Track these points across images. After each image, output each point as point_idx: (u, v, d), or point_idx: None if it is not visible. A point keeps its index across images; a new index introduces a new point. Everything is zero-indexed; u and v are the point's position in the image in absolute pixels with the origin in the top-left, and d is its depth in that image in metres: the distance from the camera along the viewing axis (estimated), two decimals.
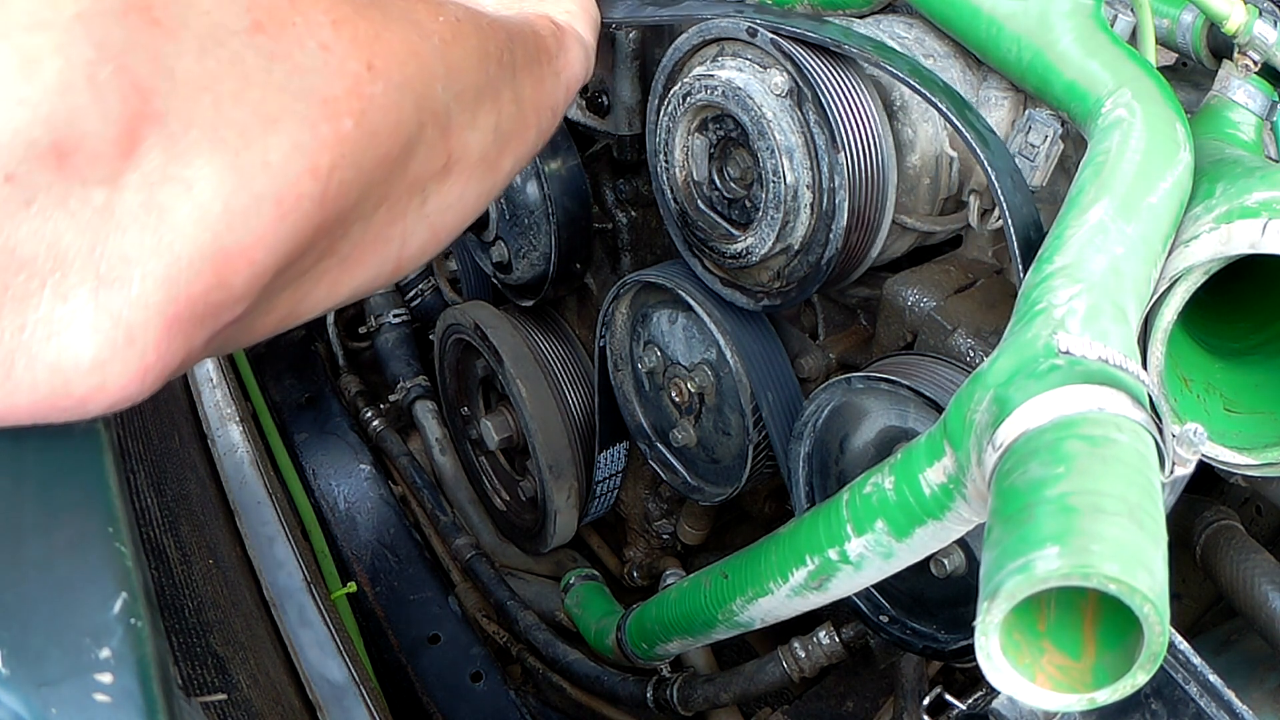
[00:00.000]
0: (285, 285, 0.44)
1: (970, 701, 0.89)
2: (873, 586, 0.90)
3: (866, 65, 0.74)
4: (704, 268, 0.95)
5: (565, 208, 1.15)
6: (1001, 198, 0.67)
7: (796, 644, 1.09)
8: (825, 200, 0.78)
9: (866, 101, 0.77)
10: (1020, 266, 0.66)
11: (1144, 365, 0.62)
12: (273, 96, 0.38)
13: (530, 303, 1.31)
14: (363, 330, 1.90)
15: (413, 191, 0.50)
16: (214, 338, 0.40)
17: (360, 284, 0.50)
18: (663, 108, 0.89)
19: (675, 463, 1.16)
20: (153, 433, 1.15)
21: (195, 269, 0.36)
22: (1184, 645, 0.65)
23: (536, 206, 1.18)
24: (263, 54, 0.38)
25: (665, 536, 1.43)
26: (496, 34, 0.60)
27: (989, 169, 0.68)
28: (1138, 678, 0.38)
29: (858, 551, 0.61)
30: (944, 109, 0.70)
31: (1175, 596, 1.01)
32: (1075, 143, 0.75)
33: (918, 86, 0.71)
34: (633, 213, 1.22)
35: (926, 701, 0.97)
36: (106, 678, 0.41)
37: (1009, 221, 0.67)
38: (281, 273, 0.41)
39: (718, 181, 0.88)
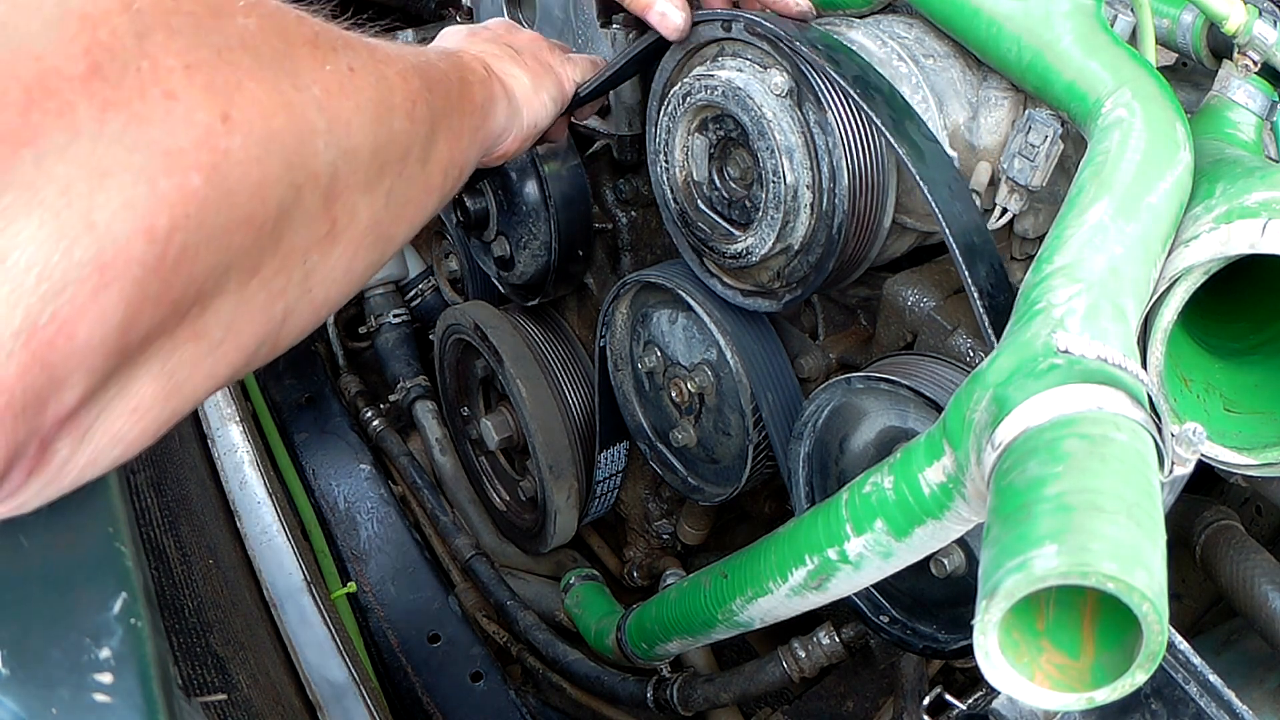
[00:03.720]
0: (141, 366, 0.39)
1: (970, 701, 0.89)
2: (873, 586, 0.90)
3: (813, 61, 0.74)
4: (704, 267, 0.95)
5: (563, 192, 1.15)
6: (936, 207, 0.68)
7: (796, 644, 1.09)
8: (825, 200, 0.78)
9: None
10: (965, 272, 0.66)
11: (1144, 365, 0.62)
12: (105, 149, 0.34)
13: (532, 302, 1.31)
14: (363, 330, 1.90)
15: (292, 264, 0.45)
16: (56, 437, 0.37)
17: (240, 366, 0.45)
18: (663, 108, 0.89)
19: (675, 463, 1.16)
20: None
21: (7, 351, 0.32)
22: (1184, 645, 0.65)
23: (536, 203, 1.18)
24: (96, 102, 0.34)
25: (665, 536, 1.43)
26: (407, 84, 0.54)
27: (920, 181, 0.68)
28: (1136, 677, 0.38)
29: (857, 551, 0.61)
30: (878, 120, 0.70)
31: (1175, 596, 1.01)
32: (1075, 143, 0.75)
33: (853, 94, 0.71)
34: (633, 213, 1.22)
35: (926, 701, 0.97)
36: (106, 678, 0.41)
37: (946, 230, 0.67)
38: (126, 353, 0.37)
39: (718, 181, 0.88)
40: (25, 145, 0.32)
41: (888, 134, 0.70)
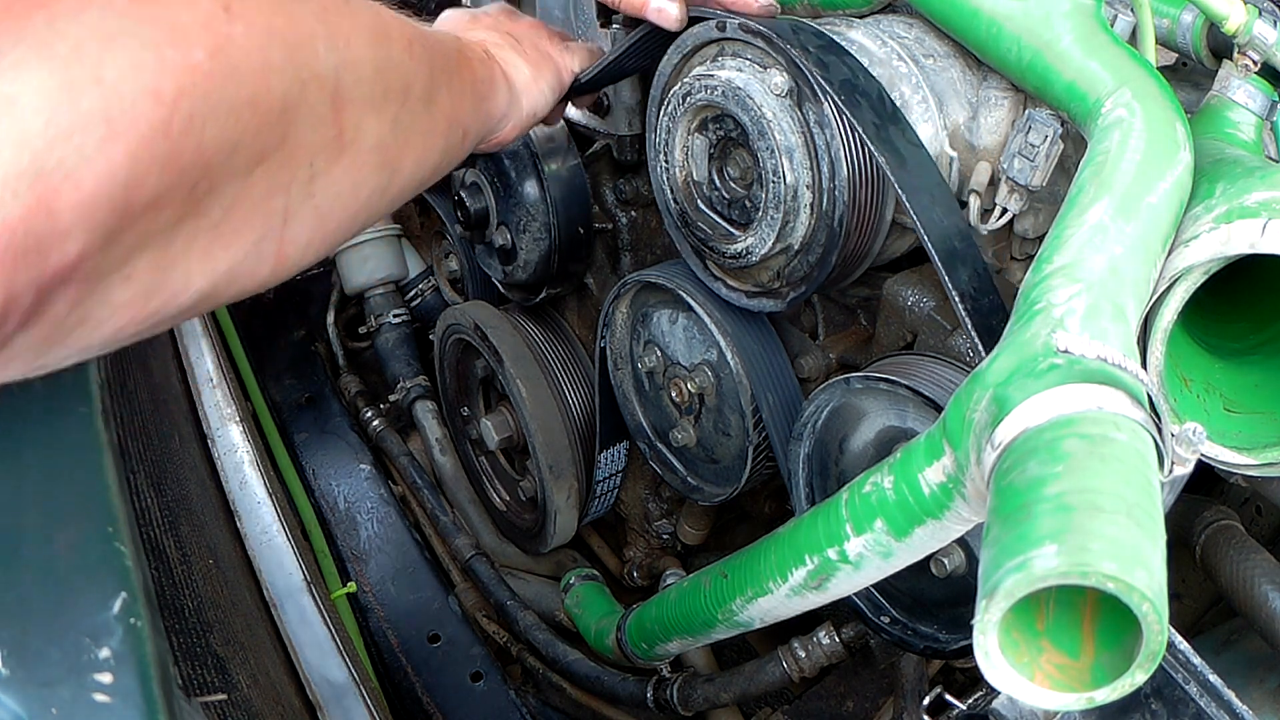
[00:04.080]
0: (143, 241, 0.40)
1: (970, 701, 0.89)
2: (873, 587, 0.90)
3: (802, 65, 0.75)
4: (707, 270, 0.95)
5: (556, 170, 1.15)
6: (914, 214, 0.68)
7: (796, 644, 1.09)
8: (825, 200, 0.78)
9: None
10: (945, 277, 0.67)
11: (1144, 365, 0.62)
12: (115, 18, 0.36)
13: (533, 300, 1.31)
14: (363, 330, 1.90)
15: (296, 161, 0.46)
16: (54, 289, 0.37)
17: (239, 260, 0.46)
18: (663, 108, 0.89)
19: (675, 463, 1.16)
20: (153, 433, 1.15)
21: (12, 190, 0.33)
22: (1184, 645, 0.65)
23: (530, 181, 1.17)
24: None
25: (665, 536, 1.43)
26: (402, 26, 0.57)
27: (900, 188, 0.69)
28: (1136, 677, 0.38)
29: (857, 551, 0.61)
30: (860, 127, 0.71)
31: (1175, 596, 1.01)
32: (1075, 143, 0.75)
33: (836, 99, 0.72)
34: (633, 213, 1.22)
35: (926, 701, 0.97)
36: (106, 678, 0.41)
37: (924, 236, 0.68)
38: (130, 215, 0.38)
39: (718, 181, 0.88)
40: (39, 6, 0.34)
41: (869, 140, 0.70)
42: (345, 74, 0.48)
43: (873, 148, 0.70)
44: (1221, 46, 0.74)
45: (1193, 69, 0.83)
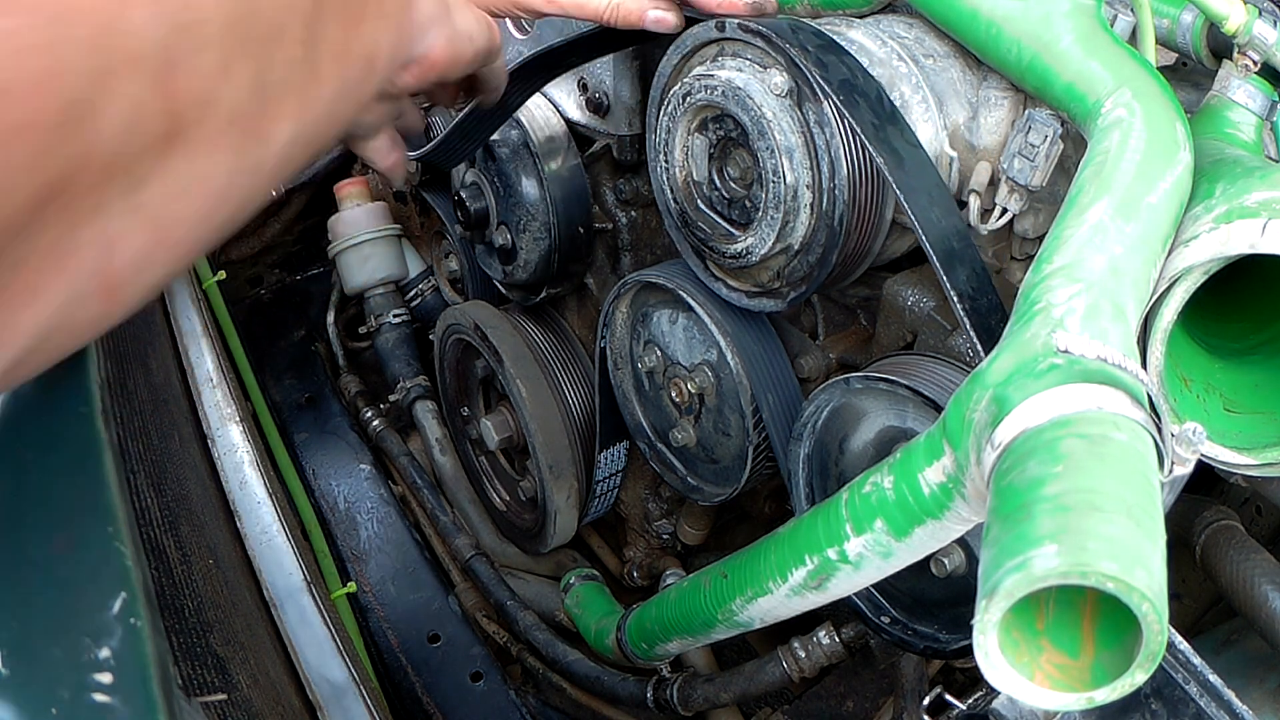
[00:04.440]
0: None
1: (970, 701, 0.89)
2: (873, 587, 0.90)
3: (801, 64, 0.75)
4: (708, 270, 0.95)
5: (556, 170, 1.15)
6: (913, 215, 0.68)
7: (796, 644, 1.09)
8: (825, 200, 0.78)
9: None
10: (943, 277, 0.67)
11: (1144, 365, 0.62)
12: None
13: (533, 300, 1.31)
14: (363, 330, 1.90)
15: (108, 179, 0.36)
16: None
17: (52, 314, 0.37)
18: (662, 108, 0.89)
19: (675, 462, 1.16)
20: (153, 433, 1.15)
21: None
22: (1184, 645, 0.65)
23: (530, 179, 1.17)
24: None
25: (665, 536, 1.43)
26: None
27: (898, 189, 0.69)
28: (1136, 677, 0.38)
29: (857, 551, 0.61)
30: (858, 127, 0.71)
31: (1175, 596, 1.01)
32: (1075, 143, 0.75)
33: (835, 99, 0.72)
34: (633, 213, 1.22)
35: (926, 701, 0.97)
36: (106, 678, 0.41)
37: (923, 236, 0.68)
38: None
39: (717, 181, 0.88)
40: None
41: (867, 141, 0.70)
42: (179, 40, 0.37)
43: (871, 148, 0.70)
44: (1221, 46, 0.74)
45: (1193, 69, 0.83)
